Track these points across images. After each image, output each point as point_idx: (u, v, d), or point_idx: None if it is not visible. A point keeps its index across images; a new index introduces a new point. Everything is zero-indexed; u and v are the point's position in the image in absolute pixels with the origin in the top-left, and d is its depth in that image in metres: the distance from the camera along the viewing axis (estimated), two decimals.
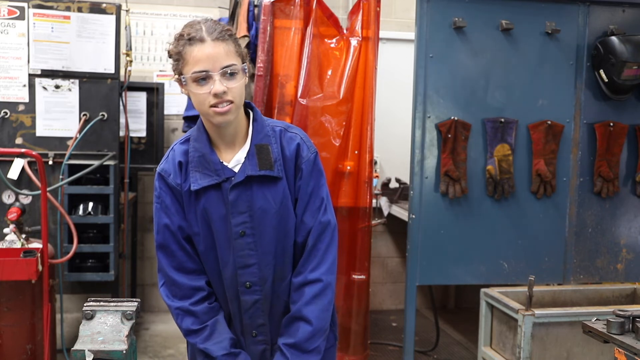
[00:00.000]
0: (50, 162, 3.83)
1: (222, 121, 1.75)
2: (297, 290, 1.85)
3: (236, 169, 1.81)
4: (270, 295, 1.87)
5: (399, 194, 4.65)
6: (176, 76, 1.80)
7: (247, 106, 1.87)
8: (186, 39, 1.75)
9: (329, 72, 3.54)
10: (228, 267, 1.85)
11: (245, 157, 1.81)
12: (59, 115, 3.89)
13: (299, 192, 1.85)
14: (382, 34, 3.81)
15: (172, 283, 1.86)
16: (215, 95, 1.70)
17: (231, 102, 1.72)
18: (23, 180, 3.78)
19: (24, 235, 3.39)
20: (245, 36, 3.69)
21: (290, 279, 1.88)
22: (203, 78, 1.71)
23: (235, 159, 1.83)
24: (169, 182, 1.84)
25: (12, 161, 3.77)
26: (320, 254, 1.85)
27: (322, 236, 1.85)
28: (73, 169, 3.80)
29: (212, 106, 1.72)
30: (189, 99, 4.63)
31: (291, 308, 1.86)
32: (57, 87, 3.88)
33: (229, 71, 1.71)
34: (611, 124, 3.51)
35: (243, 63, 1.77)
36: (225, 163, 1.82)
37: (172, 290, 1.87)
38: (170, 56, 1.82)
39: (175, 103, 4.96)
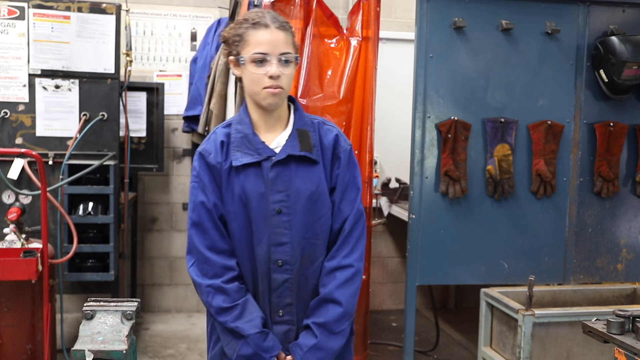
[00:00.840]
0: (50, 162, 3.83)
1: (272, 102, 1.88)
2: (329, 274, 1.94)
3: (277, 150, 1.92)
4: (299, 277, 1.94)
5: (399, 194, 4.65)
6: (232, 57, 1.92)
7: (289, 99, 2.00)
8: (250, 22, 1.88)
9: (329, 72, 3.54)
10: (262, 245, 1.92)
11: (286, 140, 1.93)
12: (59, 115, 3.89)
13: (337, 180, 1.96)
14: (382, 34, 3.80)
15: (203, 261, 1.92)
16: (271, 77, 1.84)
17: (281, 87, 1.87)
18: (23, 180, 3.78)
19: (24, 235, 3.39)
20: None
21: (320, 263, 1.96)
22: (261, 60, 1.85)
23: (276, 141, 1.94)
24: (209, 161, 1.93)
25: (12, 161, 3.77)
26: (354, 241, 1.95)
27: (356, 224, 1.96)
28: (73, 169, 3.80)
29: (265, 88, 1.85)
30: (189, 98, 4.65)
31: (321, 291, 1.94)
32: (57, 87, 3.88)
33: (284, 58, 1.86)
34: (611, 124, 3.51)
35: (296, 54, 1.91)
36: (265, 143, 1.93)
37: (202, 269, 1.93)
38: (225, 41, 1.94)
39: (175, 103, 4.97)
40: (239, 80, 1.96)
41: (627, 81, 3.41)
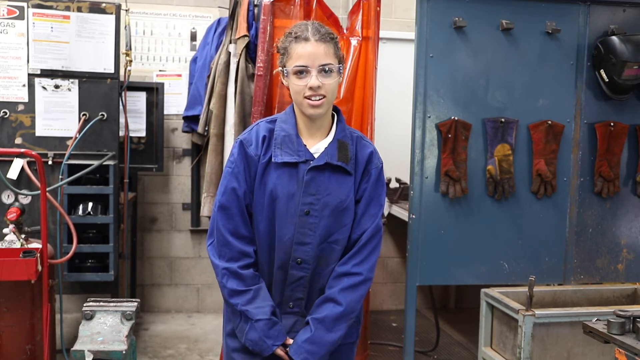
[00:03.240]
0: (50, 162, 3.82)
1: (313, 113, 1.97)
2: (336, 278, 2.03)
3: (315, 155, 2.01)
4: (314, 276, 2.04)
5: (399, 194, 4.64)
6: (280, 68, 2.02)
7: (334, 109, 2.09)
8: (293, 36, 1.98)
9: None
10: (284, 241, 2.00)
11: (326, 147, 2.01)
12: (59, 115, 3.89)
13: (364, 194, 2.06)
14: (382, 33, 3.80)
15: (223, 244, 2.01)
16: (311, 88, 1.93)
17: (324, 96, 1.95)
18: (22, 180, 3.78)
19: (23, 235, 3.39)
20: (245, 36, 3.69)
21: (333, 267, 2.04)
22: (301, 72, 1.94)
23: (315, 147, 2.03)
24: (248, 151, 2.01)
25: (11, 161, 3.76)
26: (367, 252, 2.04)
27: (373, 238, 2.05)
28: (73, 169, 3.79)
29: (306, 97, 1.95)
30: (189, 98, 4.65)
31: (326, 291, 2.03)
32: (56, 87, 3.87)
33: (325, 69, 1.94)
34: (612, 124, 3.51)
35: (339, 64, 2.00)
36: (306, 146, 2.02)
37: (221, 251, 2.02)
38: (277, 50, 2.05)
39: (175, 103, 4.96)
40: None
41: (628, 81, 3.40)
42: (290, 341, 2.01)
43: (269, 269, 2.05)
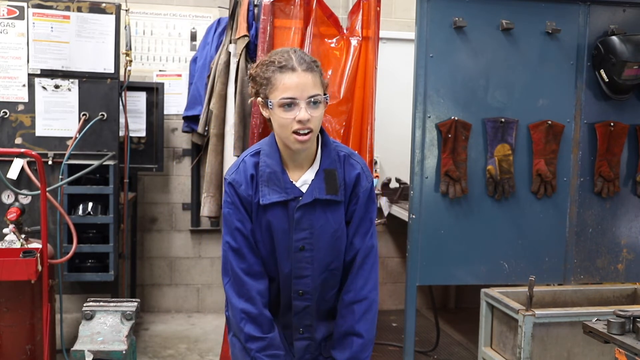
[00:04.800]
0: (50, 162, 3.82)
1: (301, 148, 1.90)
2: (347, 307, 2.03)
3: (303, 189, 1.96)
4: (319, 302, 2.06)
5: (399, 194, 4.64)
6: (260, 99, 1.91)
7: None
8: (277, 66, 1.86)
9: (329, 72, 3.54)
10: (284, 275, 2.02)
11: (312, 180, 1.96)
12: (59, 115, 3.88)
13: (353, 216, 2.01)
14: (382, 33, 3.80)
15: (240, 284, 1.99)
16: (300, 121, 1.84)
17: (311, 130, 1.86)
18: (22, 180, 3.78)
19: (23, 235, 3.39)
20: (245, 36, 3.69)
21: (337, 289, 2.06)
22: (289, 104, 1.84)
23: (302, 179, 1.97)
24: (240, 192, 1.96)
25: (11, 161, 3.76)
26: (366, 273, 2.03)
27: (367, 258, 2.03)
28: (73, 169, 3.79)
29: (294, 132, 1.85)
30: (189, 98, 4.65)
31: (341, 323, 2.04)
32: (56, 87, 3.87)
33: (313, 100, 1.85)
34: (612, 124, 3.51)
35: (325, 94, 1.90)
36: (293, 182, 1.96)
37: (239, 291, 2.00)
38: (253, 79, 1.94)
39: (175, 103, 4.96)
40: (267, 120, 1.96)
41: (628, 81, 3.40)
42: None
43: (277, 299, 2.07)
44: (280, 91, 1.84)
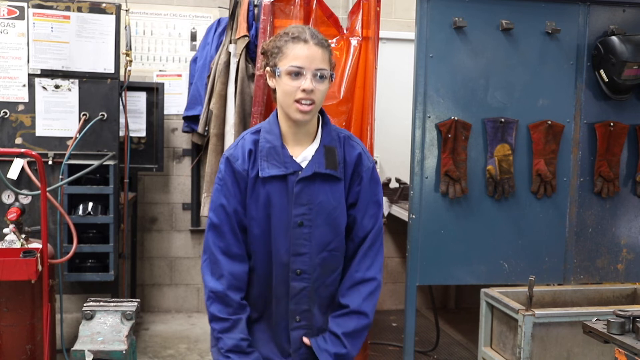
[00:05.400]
0: (50, 162, 3.82)
1: (301, 118, 1.92)
2: (353, 287, 2.02)
3: (303, 165, 1.96)
4: (318, 285, 2.01)
5: (399, 194, 4.65)
6: (269, 68, 1.96)
7: (319, 112, 2.03)
8: (290, 36, 1.92)
9: None
10: (281, 253, 1.98)
11: (313, 155, 1.97)
12: (59, 115, 3.89)
13: (359, 197, 2.02)
14: (382, 33, 3.80)
15: (214, 262, 1.98)
16: (304, 90, 1.88)
17: (313, 102, 1.90)
18: (23, 180, 3.78)
19: (23, 235, 3.39)
20: (245, 36, 3.69)
21: (339, 272, 2.04)
22: (297, 73, 1.89)
23: (302, 155, 1.98)
24: (235, 167, 1.97)
25: (11, 161, 3.77)
26: (374, 254, 2.03)
27: (377, 239, 2.04)
28: (73, 169, 3.79)
29: (297, 101, 1.89)
30: (189, 98, 4.65)
31: (344, 301, 2.01)
32: (56, 87, 3.88)
33: (320, 74, 1.90)
34: (611, 124, 3.51)
35: (332, 72, 1.95)
36: (293, 157, 1.97)
37: (212, 269, 1.99)
38: (264, 51, 1.99)
39: (175, 103, 4.96)
40: (273, 92, 1.99)
41: (628, 81, 3.40)
42: None
43: (270, 283, 2.02)
44: (290, 59, 1.89)
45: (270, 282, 2.01)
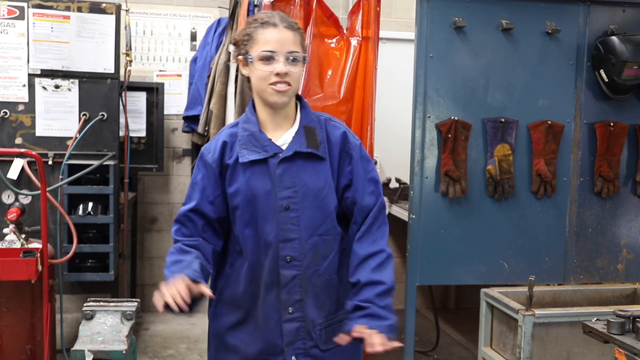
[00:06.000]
0: (50, 162, 3.83)
1: (278, 100, 1.90)
2: (360, 265, 1.92)
3: (283, 147, 1.93)
4: (310, 272, 1.94)
5: (399, 194, 4.65)
6: (241, 57, 1.94)
7: (296, 97, 2.01)
8: (259, 22, 1.91)
9: (329, 72, 3.54)
10: (270, 241, 1.92)
11: (293, 136, 1.94)
12: (59, 115, 3.89)
13: (353, 176, 1.98)
14: (382, 33, 3.80)
15: (184, 220, 1.96)
16: (277, 74, 1.86)
17: (289, 84, 1.88)
18: (23, 180, 3.78)
19: (23, 235, 3.39)
20: None
21: (332, 257, 1.97)
22: (269, 57, 1.87)
23: (282, 139, 1.95)
24: (207, 159, 1.96)
25: (11, 161, 3.77)
26: (376, 229, 1.96)
27: (379, 214, 1.98)
28: (73, 169, 3.79)
29: (271, 84, 1.87)
30: (189, 98, 4.65)
31: (354, 279, 1.91)
32: (56, 87, 3.88)
33: (292, 57, 1.88)
34: (611, 124, 3.51)
35: (304, 55, 1.93)
36: (272, 140, 1.94)
37: (179, 229, 1.96)
38: (235, 42, 1.98)
39: (175, 103, 4.96)
40: (247, 80, 1.97)
41: (628, 81, 3.40)
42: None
43: (259, 275, 1.94)
44: (261, 44, 1.88)
45: (262, 273, 1.94)
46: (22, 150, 3.31)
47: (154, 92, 4.77)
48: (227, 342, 2.00)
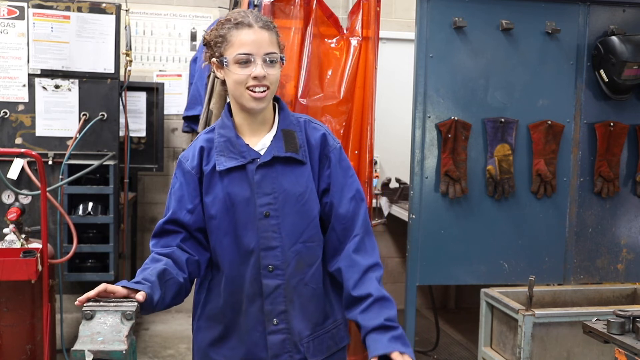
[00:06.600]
0: (50, 162, 3.83)
1: (256, 106, 1.81)
2: (365, 274, 1.81)
3: (262, 152, 1.85)
4: (295, 282, 1.85)
5: (399, 194, 4.65)
6: (215, 59, 1.84)
7: (274, 99, 1.92)
8: (233, 22, 1.81)
9: (329, 72, 3.54)
10: (251, 250, 1.83)
11: (271, 141, 1.85)
12: (59, 115, 3.89)
13: (332, 181, 1.89)
14: (382, 33, 3.80)
15: (160, 232, 1.87)
16: (255, 78, 1.77)
17: (267, 87, 1.79)
18: (23, 180, 3.78)
19: (23, 235, 3.39)
20: None
21: (318, 266, 1.89)
22: (245, 61, 1.78)
23: (261, 143, 1.87)
24: (185, 167, 1.87)
25: (11, 161, 3.77)
26: (369, 239, 1.88)
27: (366, 223, 1.89)
28: (73, 169, 3.79)
29: (249, 88, 1.79)
30: (189, 98, 4.65)
31: (364, 292, 1.79)
32: (56, 87, 3.88)
33: (269, 58, 1.79)
34: (611, 124, 3.51)
35: (281, 54, 1.84)
36: (249, 146, 1.86)
37: (158, 242, 1.86)
38: (207, 43, 1.88)
39: (175, 103, 4.96)
40: (222, 83, 1.89)
41: (628, 81, 3.40)
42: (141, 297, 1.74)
43: (240, 286, 1.86)
44: (237, 47, 1.78)
45: (242, 284, 1.85)
46: (22, 150, 3.31)
47: (154, 92, 4.77)
48: (211, 357, 1.93)
